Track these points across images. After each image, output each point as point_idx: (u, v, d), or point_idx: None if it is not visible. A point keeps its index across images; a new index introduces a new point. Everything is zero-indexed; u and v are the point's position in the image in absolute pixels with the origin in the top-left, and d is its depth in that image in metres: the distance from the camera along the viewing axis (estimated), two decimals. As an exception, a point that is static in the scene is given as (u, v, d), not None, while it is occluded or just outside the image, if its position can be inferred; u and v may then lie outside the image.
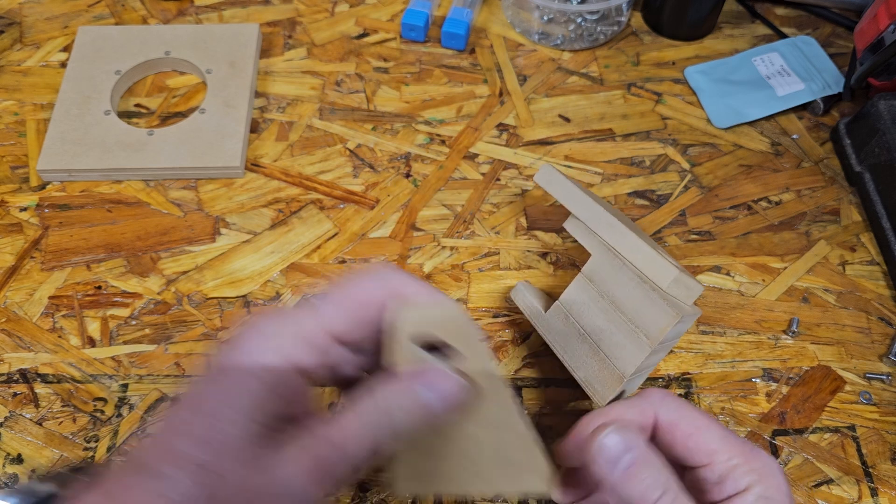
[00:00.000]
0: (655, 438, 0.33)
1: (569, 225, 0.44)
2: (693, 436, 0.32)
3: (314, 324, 0.30)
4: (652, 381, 0.46)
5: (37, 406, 0.44)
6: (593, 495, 0.34)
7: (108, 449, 0.43)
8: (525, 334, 0.47)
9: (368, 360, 0.33)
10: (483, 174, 0.55)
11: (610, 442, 0.30)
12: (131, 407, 0.44)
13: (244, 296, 0.48)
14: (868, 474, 0.43)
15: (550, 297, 0.45)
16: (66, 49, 0.61)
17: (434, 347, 0.32)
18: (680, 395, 0.45)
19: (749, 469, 0.32)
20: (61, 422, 0.43)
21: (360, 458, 0.28)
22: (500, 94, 0.59)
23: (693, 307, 0.41)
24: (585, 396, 0.44)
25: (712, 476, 0.32)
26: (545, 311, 0.44)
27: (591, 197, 0.43)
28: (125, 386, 0.45)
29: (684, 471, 0.33)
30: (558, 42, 0.62)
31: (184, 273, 0.49)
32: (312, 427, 0.28)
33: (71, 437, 0.43)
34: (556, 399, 0.45)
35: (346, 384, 0.33)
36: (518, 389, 0.45)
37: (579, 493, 0.34)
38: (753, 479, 0.31)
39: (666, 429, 0.33)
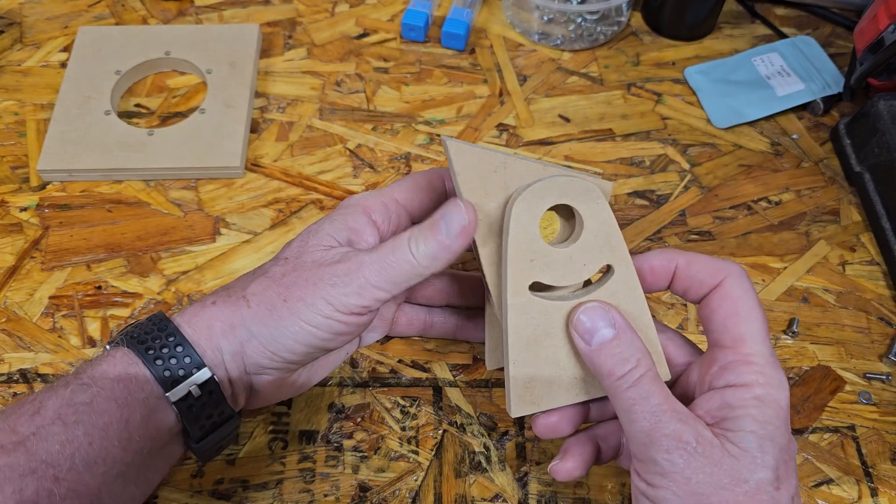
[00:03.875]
0: (704, 300, 0.34)
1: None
2: (735, 319, 0.32)
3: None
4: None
5: (37, 406, 0.44)
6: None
7: (109, 449, 0.43)
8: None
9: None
10: (483, 174, 0.55)
11: (587, 317, 0.33)
12: (131, 407, 0.44)
13: (244, 296, 0.48)
14: (868, 474, 0.43)
15: None
16: (67, 49, 0.61)
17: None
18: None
19: (760, 372, 0.31)
20: (61, 422, 0.43)
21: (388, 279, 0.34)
22: (500, 95, 0.59)
23: None
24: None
25: (723, 360, 0.32)
26: None
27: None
28: (125, 386, 0.45)
29: (709, 347, 0.34)
30: (558, 42, 0.62)
31: (184, 273, 0.49)
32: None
33: (71, 436, 0.43)
34: (556, 399, 0.45)
35: None
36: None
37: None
38: (758, 381, 0.31)
39: (719, 299, 0.33)
